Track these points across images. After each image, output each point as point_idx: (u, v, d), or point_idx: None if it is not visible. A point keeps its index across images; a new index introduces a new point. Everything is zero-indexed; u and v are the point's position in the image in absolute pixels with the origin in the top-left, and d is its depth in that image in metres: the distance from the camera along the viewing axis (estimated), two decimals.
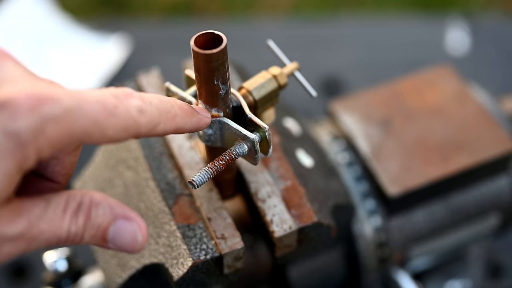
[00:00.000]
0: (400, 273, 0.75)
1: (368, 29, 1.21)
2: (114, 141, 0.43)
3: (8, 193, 0.40)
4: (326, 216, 0.60)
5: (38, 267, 0.94)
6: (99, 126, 0.41)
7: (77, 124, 0.40)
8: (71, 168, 0.48)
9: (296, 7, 1.36)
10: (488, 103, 0.77)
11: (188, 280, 0.56)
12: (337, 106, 0.75)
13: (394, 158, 0.70)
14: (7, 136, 0.38)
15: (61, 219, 0.43)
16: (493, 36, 1.18)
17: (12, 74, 0.42)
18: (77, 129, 0.40)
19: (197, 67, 0.48)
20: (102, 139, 0.42)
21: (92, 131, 0.41)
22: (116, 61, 1.14)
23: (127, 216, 0.46)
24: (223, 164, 0.51)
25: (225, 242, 0.55)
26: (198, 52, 0.47)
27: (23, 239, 0.42)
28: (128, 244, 0.46)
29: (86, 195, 0.45)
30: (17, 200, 0.42)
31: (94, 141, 0.42)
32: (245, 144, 0.52)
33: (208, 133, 0.52)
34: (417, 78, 0.77)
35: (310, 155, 0.66)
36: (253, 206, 0.60)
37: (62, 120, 0.40)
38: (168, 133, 0.47)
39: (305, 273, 0.70)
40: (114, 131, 0.42)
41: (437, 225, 0.73)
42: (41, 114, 0.39)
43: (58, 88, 0.41)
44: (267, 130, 0.52)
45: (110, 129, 0.42)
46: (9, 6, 1.20)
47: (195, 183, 0.50)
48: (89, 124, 0.41)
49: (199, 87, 0.50)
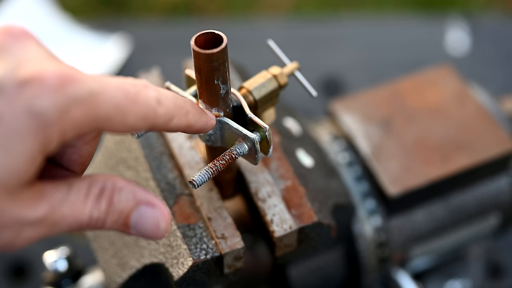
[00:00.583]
0: (400, 273, 0.75)
1: (368, 29, 1.21)
2: (132, 130, 0.42)
3: (29, 175, 0.39)
4: (326, 216, 0.60)
5: (38, 267, 0.94)
6: (121, 112, 0.41)
7: (101, 108, 0.39)
8: (88, 158, 0.47)
9: (296, 7, 1.36)
10: (488, 103, 0.77)
11: (188, 280, 0.56)
12: (337, 106, 0.75)
13: (394, 158, 0.70)
14: (31, 115, 0.37)
15: (83, 204, 0.42)
16: (493, 36, 1.18)
17: (36, 54, 0.41)
18: (101, 113, 0.40)
19: (197, 67, 0.48)
20: (122, 127, 0.41)
21: (114, 116, 0.40)
22: (116, 61, 1.14)
23: (150, 202, 0.45)
24: (223, 163, 0.51)
25: (225, 241, 0.55)
26: (198, 52, 0.47)
27: (45, 223, 0.41)
28: (150, 230, 0.45)
29: (109, 180, 0.44)
30: (39, 184, 0.41)
31: (115, 128, 0.41)
32: (246, 143, 0.52)
33: (208, 133, 0.52)
34: (417, 78, 0.77)
35: (310, 155, 0.66)
36: (253, 206, 0.60)
37: (87, 103, 0.39)
38: (179, 129, 0.46)
39: (305, 273, 0.70)
40: (135, 119, 0.42)
41: (437, 225, 0.73)
42: (67, 94, 0.38)
43: (81, 71, 0.40)
44: (267, 130, 0.52)
45: (131, 116, 0.41)
46: (9, 6, 1.20)
47: (195, 182, 0.50)
48: (112, 109, 0.40)
49: (199, 87, 0.50)
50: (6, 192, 0.38)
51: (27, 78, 0.38)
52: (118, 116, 0.41)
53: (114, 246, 0.61)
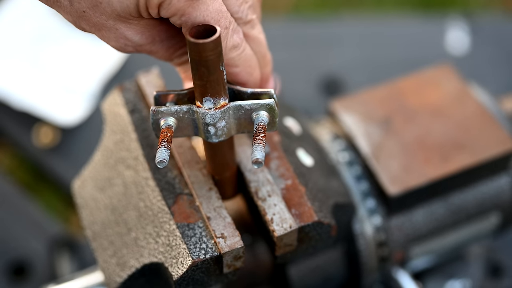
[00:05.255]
0: (400, 272, 0.75)
1: (368, 29, 1.21)
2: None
3: (137, 14, 0.48)
4: (327, 215, 0.60)
5: (38, 267, 0.94)
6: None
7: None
8: None
9: (296, 7, 1.36)
10: (488, 102, 0.77)
11: (188, 279, 0.55)
12: (337, 105, 0.75)
13: (394, 158, 0.70)
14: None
15: (173, 53, 0.54)
16: (493, 36, 1.18)
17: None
18: None
19: (203, 60, 0.48)
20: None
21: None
22: (116, 61, 1.14)
23: None
24: (263, 136, 0.51)
25: (225, 241, 0.55)
26: (206, 42, 0.47)
27: (141, 49, 0.53)
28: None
29: None
30: (153, 21, 0.51)
31: None
32: (262, 113, 0.52)
33: (221, 125, 0.52)
34: (417, 77, 0.77)
35: (311, 154, 0.66)
36: (253, 205, 0.60)
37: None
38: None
39: (305, 272, 0.70)
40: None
41: (437, 224, 0.73)
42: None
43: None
44: (274, 92, 0.53)
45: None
46: (9, 6, 1.20)
47: (260, 159, 0.50)
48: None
49: (204, 83, 0.50)
50: (120, 18, 0.49)
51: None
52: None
53: (114, 245, 0.61)
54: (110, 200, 0.62)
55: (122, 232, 0.60)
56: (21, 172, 1.11)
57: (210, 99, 0.51)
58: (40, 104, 1.09)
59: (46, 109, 1.08)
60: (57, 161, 1.07)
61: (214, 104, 0.51)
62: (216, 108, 0.51)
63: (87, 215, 0.64)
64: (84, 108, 1.10)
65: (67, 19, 0.51)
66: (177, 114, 0.52)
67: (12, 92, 1.09)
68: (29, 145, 1.09)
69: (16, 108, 1.10)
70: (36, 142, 1.09)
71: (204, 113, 0.51)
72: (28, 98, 1.09)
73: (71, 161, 1.06)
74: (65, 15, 0.51)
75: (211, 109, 0.51)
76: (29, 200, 1.03)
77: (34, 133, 1.10)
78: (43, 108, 1.08)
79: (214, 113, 0.51)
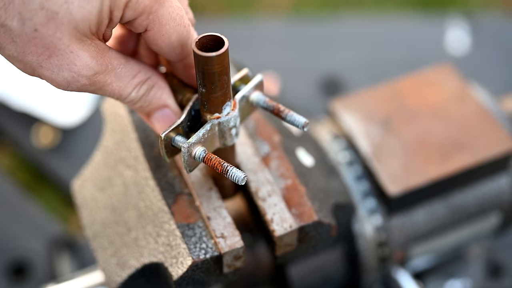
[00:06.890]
0: (401, 272, 0.75)
1: (368, 29, 1.21)
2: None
3: (97, 28, 0.46)
4: (327, 215, 0.60)
5: (38, 267, 0.94)
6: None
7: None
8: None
9: (296, 7, 1.36)
10: (489, 102, 0.77)
11: (188, 279, 0.55)
12: (337, 105, 0.75)
13: (395, 157, 0.70)
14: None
15: (128, 82, 0.50)
16: (493, 35, 1.18)
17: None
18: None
19: (225, 68, 0.48)
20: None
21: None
22: None
23: (175, 111, 0.53)
24: (282, 106, 0.54)
25: (225, 241, 0.55)
26: (219, 54, 0.47)
27: (96, 78, 0.48)
28: (159, 129, 0.53)
29: (156, 75, 0.52)
30: (105, 46, 0.48)
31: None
32: (257, 93, 0.55)
33: (238, 123, 0.53)
34: (418, 77, 0.77)
35: (311, 154, 0.66)
36: (253, 205, 0.60)
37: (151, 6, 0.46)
38: None
39: (305, 272, 0.70)
40: None
41: (438, 224, 0.73)
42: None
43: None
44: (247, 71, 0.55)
45: None
46: None
47: (308, 121, 0.53)
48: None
49: (225, 90, 0.50)
50: (76, 35, 0.45)
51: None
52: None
53: (114, 245, 0.61)
54: (110, 200, 0.62)
55: (122, 232, 0.60)
56: (21, 172, 1.11)
57: (229, 103, 0.52)
58: (40, 104, 1.08)
59: (46, 110, 1.08)
60: (56, 161, 1.07)
61: (230, 106, 0.52)
62: (232, 109, 0.52)
63: (87, 215, 0.64)
64: (84, 109, 1.09)
65: (9, 53, 0.46)
66: (204, 136, 0.52)
67: (12, 93, 1.09)
68: (29, 145, 1.09)
69: (16, 109, 1.10)
70: (36, 143, 1.09)
71: (227, 119, 0.52)
72: (28, 98, 1.09)
73: (71, 161, 1.06)
74: (9, 45, 0.45)
75: (229, 113, 0.52)
76: (29, 200, 1.03)
77: (34, 133, 1.10)
78: (43, 108, 1.08)
79: (234, 114, 0.52)
